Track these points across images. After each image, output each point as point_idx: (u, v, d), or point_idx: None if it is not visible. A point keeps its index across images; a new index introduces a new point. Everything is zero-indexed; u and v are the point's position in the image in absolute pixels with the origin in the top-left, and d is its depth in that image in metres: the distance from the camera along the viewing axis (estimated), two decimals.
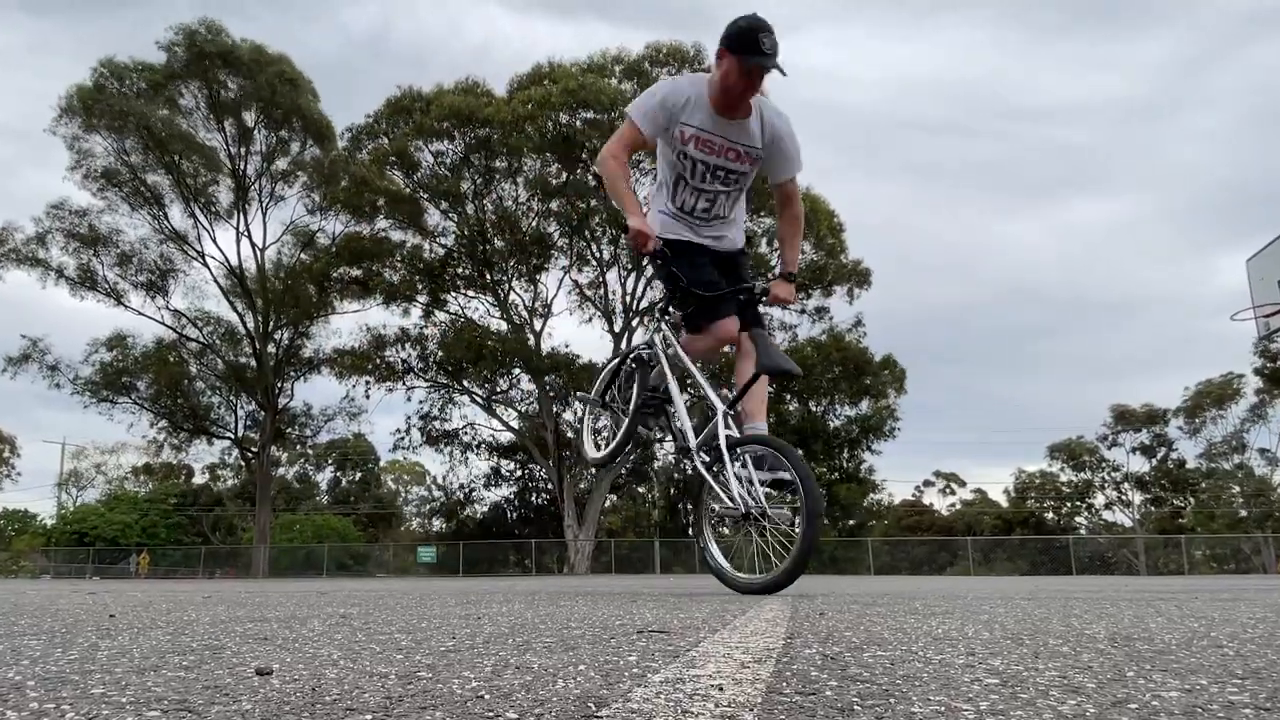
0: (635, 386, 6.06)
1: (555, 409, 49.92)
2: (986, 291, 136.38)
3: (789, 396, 54.53)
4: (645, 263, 6.57)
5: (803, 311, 50.65)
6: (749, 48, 4.92)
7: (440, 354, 49.48)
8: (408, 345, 50.38)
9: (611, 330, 49.16)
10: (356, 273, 49.07)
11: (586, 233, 48.10)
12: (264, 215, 50.16)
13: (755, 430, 5.62)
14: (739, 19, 4.98)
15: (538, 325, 49.66)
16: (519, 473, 62.75)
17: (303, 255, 49.98)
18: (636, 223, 5.23)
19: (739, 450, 5.38)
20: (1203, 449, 65.42)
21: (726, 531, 5.91)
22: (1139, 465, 68.15)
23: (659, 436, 6.23)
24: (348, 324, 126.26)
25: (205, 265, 49.59)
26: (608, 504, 62.66)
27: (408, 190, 47.96)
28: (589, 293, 50.66)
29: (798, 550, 5.09)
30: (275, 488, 66.14)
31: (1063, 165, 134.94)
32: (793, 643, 2.62)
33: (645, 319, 49.29)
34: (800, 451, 5.27)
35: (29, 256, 45.99)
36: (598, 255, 49.28)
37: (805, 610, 4.22)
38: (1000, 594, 6.85)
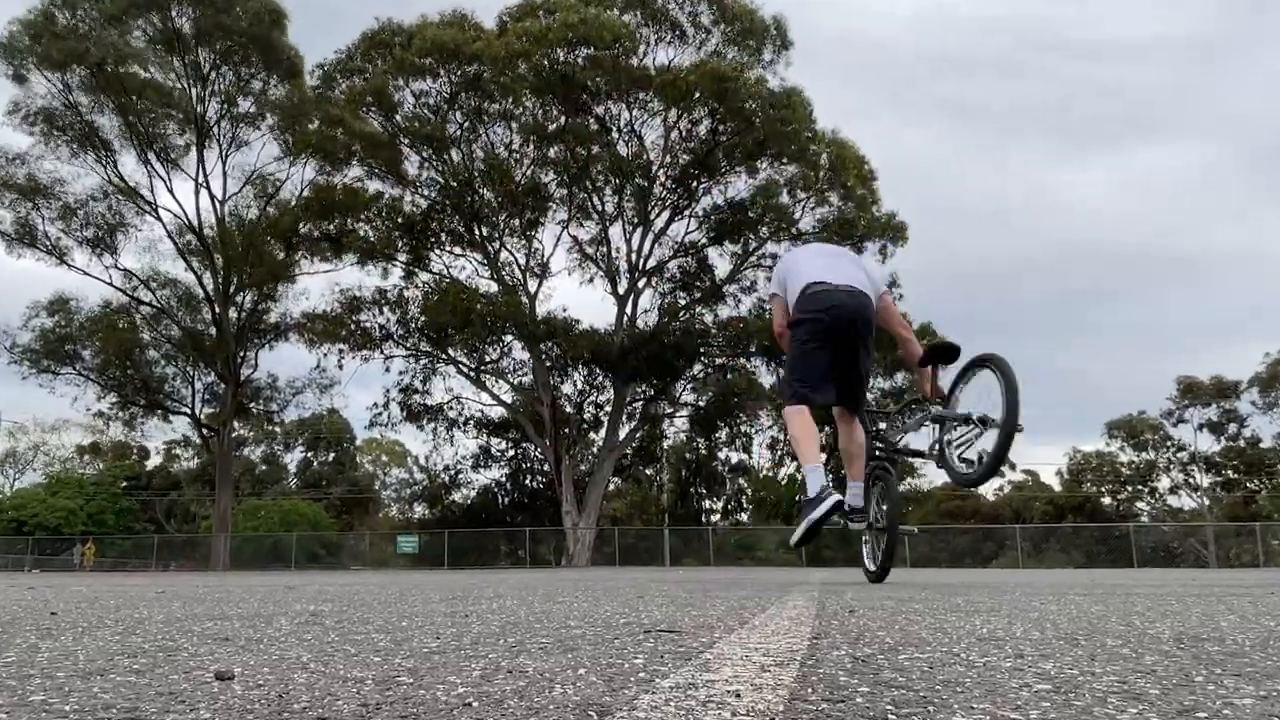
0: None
1: (552, 380, 49.92)
2: (1037, 249, 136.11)
3: None
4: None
5: None
6: None
7: (422, 319, 49.19)
8: (386, 309, 50.11)
9: (615, 292, 49.12)
10: (328, 228, 48.88)
11: (587, 183, 47.95)
12: (224, 163, 50.00)
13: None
14: None
15: (532, 286, 49.58)
16: (511, 453, 62.75)
17: (268, 209, 49.83)
18: None
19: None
20: None
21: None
22: (1207, 444, 68.08)
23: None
24: (318, 285, 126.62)
25: (159, 219, 49.29)
26: (611, 488, 62.74)
27: (386, 135, 47.72)
28: (590, 250, 50.60)
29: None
30: (238, 470, 66.22)
31: (1124, 108, 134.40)
32: (819, 643, 2.62)
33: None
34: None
35: None
36: (599, 208, 49.18)
37: (833, 607, 4.23)
38: (1053, 588, 6.86)
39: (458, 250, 50.21)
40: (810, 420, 7.46)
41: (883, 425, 8.90)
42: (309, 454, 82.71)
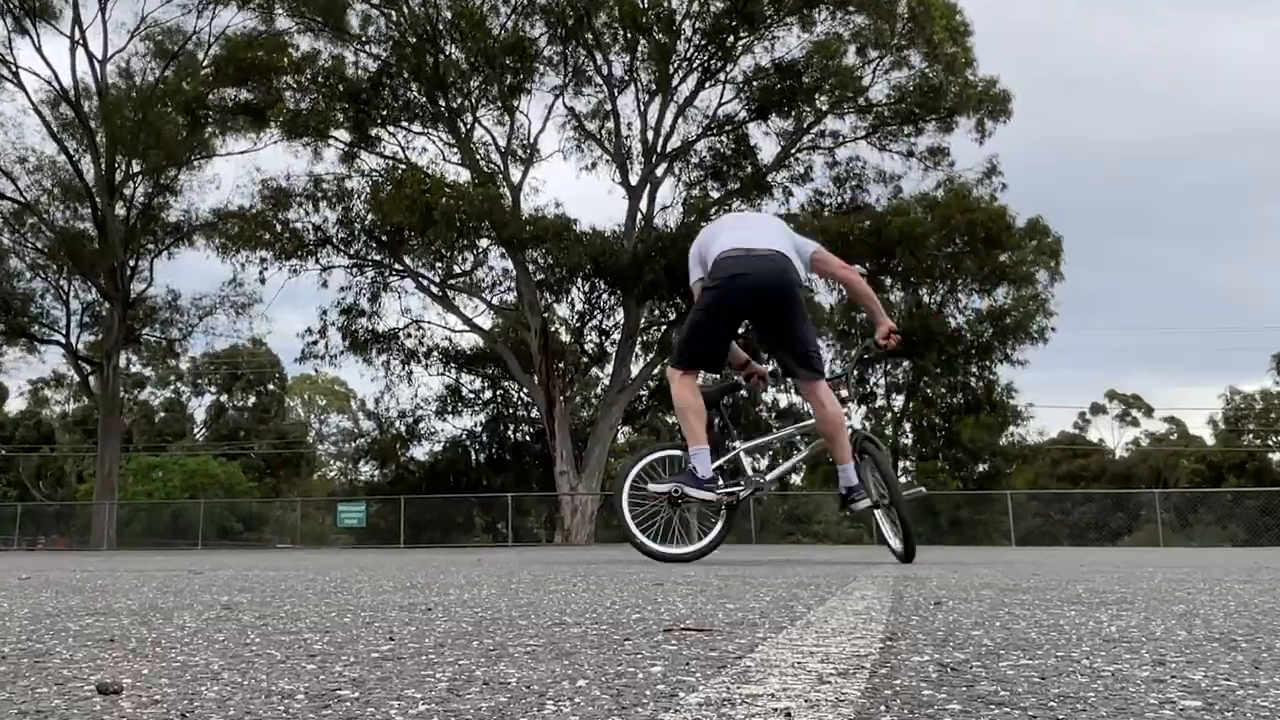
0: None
1: (543, 299, 49.83)
2: (1187, 127, 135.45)
3: (890, 283, 54.12)
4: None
5: (909, 155, 50.09)
6: None
7: (370, 217, 49.02)
8: (322, 203, 49.53)
9: (625, 182, 48.80)
10: (246, 95, 48.69)
11: (588, 37, 47.69)
12: (104, 12, 49.79)
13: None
14: None
15: (516, 174, 49.31)
16: (489, 394, 62.78)
17: (167, 71, 49.62)
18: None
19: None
20: None
21: None
22: None
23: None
24: (233, 172, 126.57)
25: (20, 87, 49.32)
26: (620, 440, 62.84)
27: None
28: (592, 127, 50.38)
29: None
30: (129, 417, 66.43)
31: None
32: (895, 646, 2.63)
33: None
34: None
35: None
36: (605, 71, 48.90)
37: (913, 598, 4.23)
38: (1204, 573, 6.87)
39: (417, 126, 49.91)
40: (697, 391, 9.60)
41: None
42: (222, 397, 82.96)
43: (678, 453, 10.20)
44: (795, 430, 11.38)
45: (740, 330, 9.79)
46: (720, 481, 9.83)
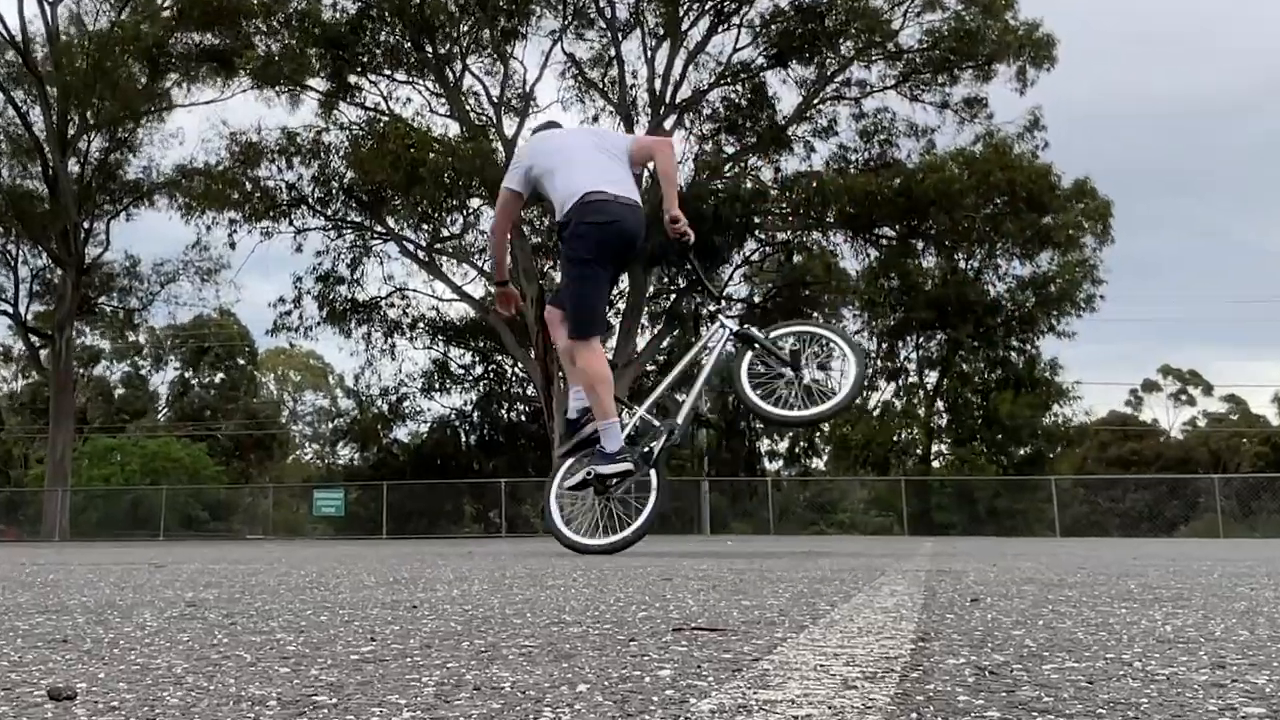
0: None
1: (540, 265, 49.77)
2: (1252, 77, 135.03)
3: (922, 246, 53.86)
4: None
5: (943, 106, 49.85)
6: None
7: (350, 175, 48.93)
8: (296, 160, 49.34)
9: (630, 133, 48.62)
10: (211, 40, 48.58)
11: None
12: None
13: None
14: None
15: (510, 127, 49.20)
16: (480, 370, 62.72)
17: (124, 15, 49.54)
18: None
19: None
20: None
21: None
22: None
23: None
24: (197, 125, 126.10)
25: None
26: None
27: None
28: (594, 75, 50.29)
29: None
30: (84, 395, 66.39)
31: None
32: (928, 647, 2.63)
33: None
34: None
35: None
36: (607, 13, 48.79)
37: (948, 593, 4.24)
38: (1269, 567, 6.86)
39: (400, 75, 49.77)
40: (605, 359, 10.03)
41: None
42: (186, 373, 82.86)
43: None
44: (685, 363, 11.97)
45: None
46: (632, 449, 9.95)
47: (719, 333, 10.98)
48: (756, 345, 10.54)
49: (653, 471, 10.13)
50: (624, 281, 50.09)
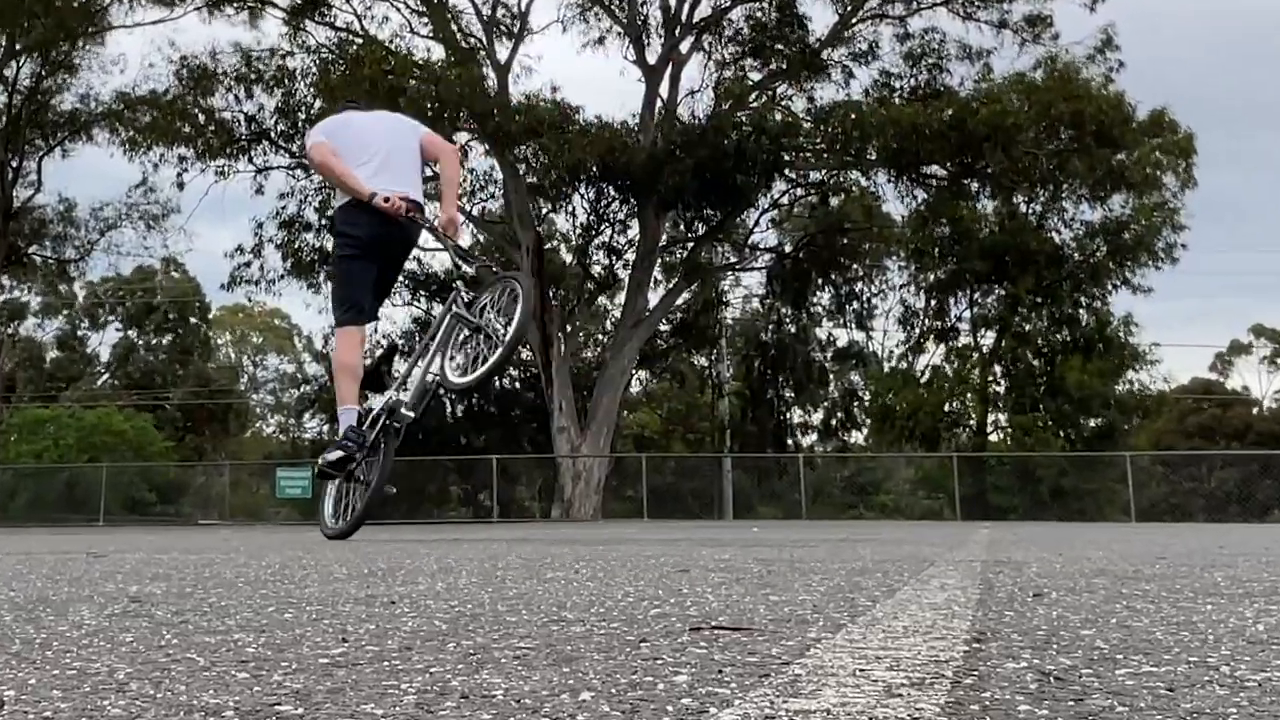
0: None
1: (537, 208, 49.69)
2: None
3: (976, 187, 53.34)
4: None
5: (1001, 25, 49.46)
6: None
7: (319, 104, 48.56)
8: (257, 88, 49.37)
9: (641, 60, 48.58)
10: None
11: None
12: None
13: None
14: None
15: (503, 52, 49.22)
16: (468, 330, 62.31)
17: None
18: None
19: None
20: None
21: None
22: None
23: None
24: (141, 47, 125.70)
25: None
26: (635, 389, 62.85)
27: None
28: None
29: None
30: (11, 358, 66.35)
31: None
32: (984, 649, 2.62)
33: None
34: None
35: None
36: None
37: (1005, 587, 4.24)
38: None
39: None
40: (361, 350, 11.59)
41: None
42: (129, 332, 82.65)
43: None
44: (427, 340, 12.63)
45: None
46: (357, 432, 11.11)
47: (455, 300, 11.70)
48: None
49: (379, 453, 11.33)
50: (634, 228, 50.06)
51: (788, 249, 54.74)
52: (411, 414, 11.38)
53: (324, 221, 51.97)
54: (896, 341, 62.68)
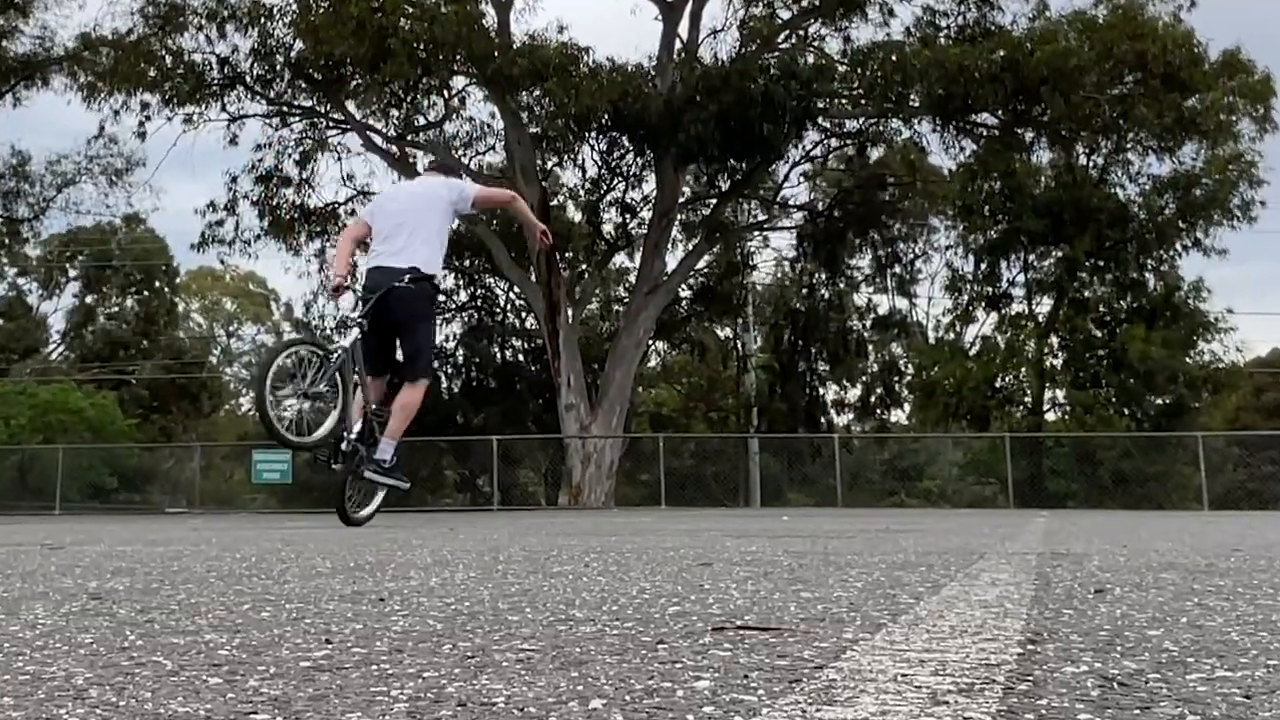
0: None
1: (543, 161, 49.66)
2: None
3: (1031, 137, 52.92)
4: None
5: None
6: None
7: (300, 46, 48.52)
8: (230, 26, 48.99)
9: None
10: None
11: None
12: None
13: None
14: None
15: None
16: (465, 296, 62.53)
17: None
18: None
19: None
20: None
21: None
22: None
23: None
24: None
25: None
26: (652, 363, 62.75)
27: None
28: None
29: None
30: None
31: None
32: (1040, 652, 2.62)
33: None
34: None
35: None
36: None
37: (1064, 582, 4.24)
38: None
39: None
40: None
41: None
42: (89, 298, 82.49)
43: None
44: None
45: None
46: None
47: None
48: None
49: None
50: (649, 182, 49.98)
51: (821, 206, 54.67)
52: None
53: (304, 175, 52.01)
54: (942, 309, 62.39)
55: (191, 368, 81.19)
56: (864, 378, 65.36)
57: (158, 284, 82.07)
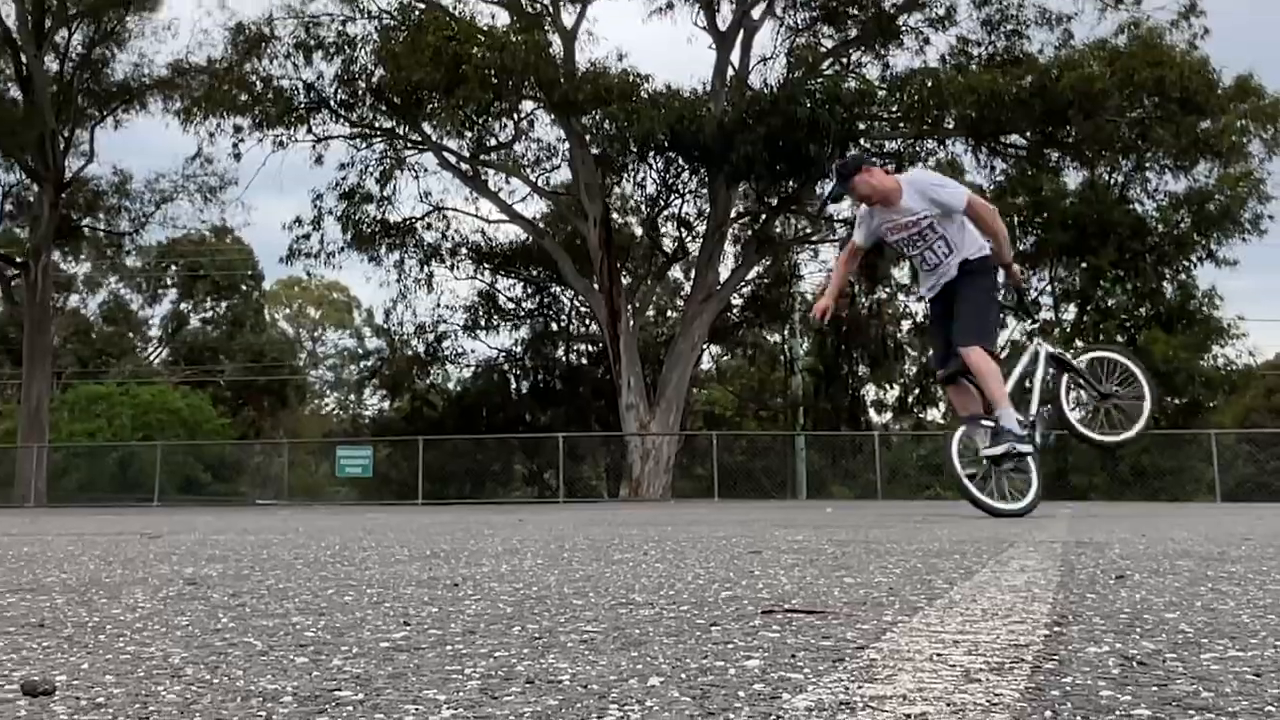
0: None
1: (606, 178, 49.55)
2: None
3: (1058, 157, 52.79)
4: None
5: None
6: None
7: (380, 73, 48.62)
8: (316, 55, 49.19)
9: (712, 26, 48.28)
10: None
11: None
12: None
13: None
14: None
15: (569, 18, 48.97)
16: (533, 304, 62.46)
17: None
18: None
19: None
20: None
21: None
22: None
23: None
24: (193, 12, 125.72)
25: None
26: (705, 366, 62.65)
27: None
28: None
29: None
30: (63, 331, 66.57)
31: None
32: (1065, 633, 2.62)
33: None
34: None
35: None
36: None
37: (1087, 568, 4.22)
38: None
39: None
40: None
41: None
42: (184, 306, 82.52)
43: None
44: (1027, 378, 14.25)
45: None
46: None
47: (1038, 354, 13.90)
48: (1070, 370, 13.80)
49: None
50: (704, 199, 49.94)
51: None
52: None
53: (384, 192, 52.13)
54: None
55: (272, 369, 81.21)
56: (902, 379, 65.24)
57: (247, 291, 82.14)
